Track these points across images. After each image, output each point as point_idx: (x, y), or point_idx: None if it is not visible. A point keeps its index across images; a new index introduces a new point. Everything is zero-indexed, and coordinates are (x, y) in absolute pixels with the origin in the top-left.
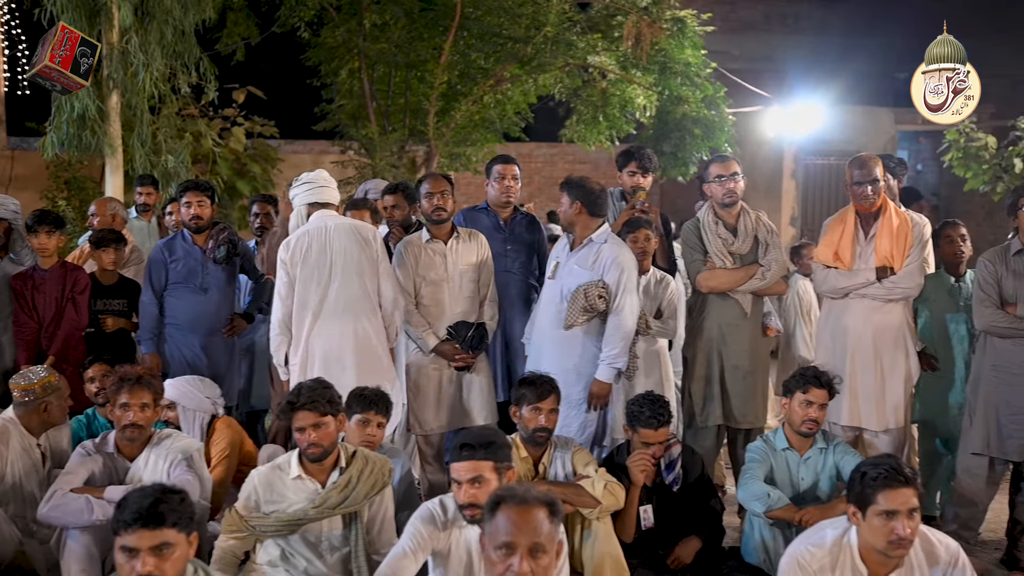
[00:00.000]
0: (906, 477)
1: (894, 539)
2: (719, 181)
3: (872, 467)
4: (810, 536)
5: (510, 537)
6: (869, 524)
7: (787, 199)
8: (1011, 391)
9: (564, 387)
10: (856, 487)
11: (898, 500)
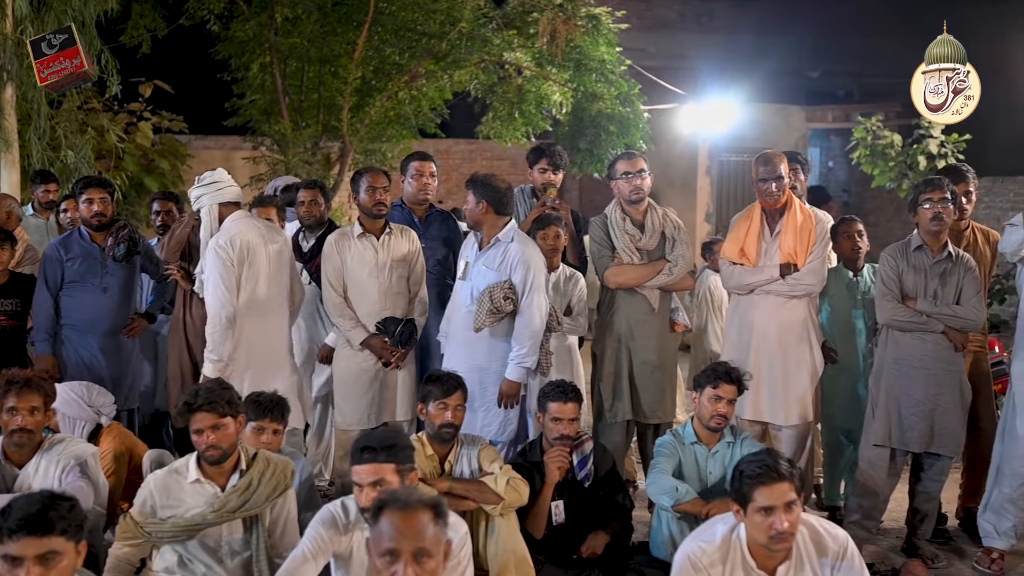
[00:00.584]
0: (781, 472)
1: (774, 534)
2: (626, 178)
3: (749, 464)
4: (702, 533)
5: (393, 543)
6: (750, 520)
7: (702, 195)
8: (911, 383)
9: (481, 387)
10: (736, 484)
11: (775, 495)
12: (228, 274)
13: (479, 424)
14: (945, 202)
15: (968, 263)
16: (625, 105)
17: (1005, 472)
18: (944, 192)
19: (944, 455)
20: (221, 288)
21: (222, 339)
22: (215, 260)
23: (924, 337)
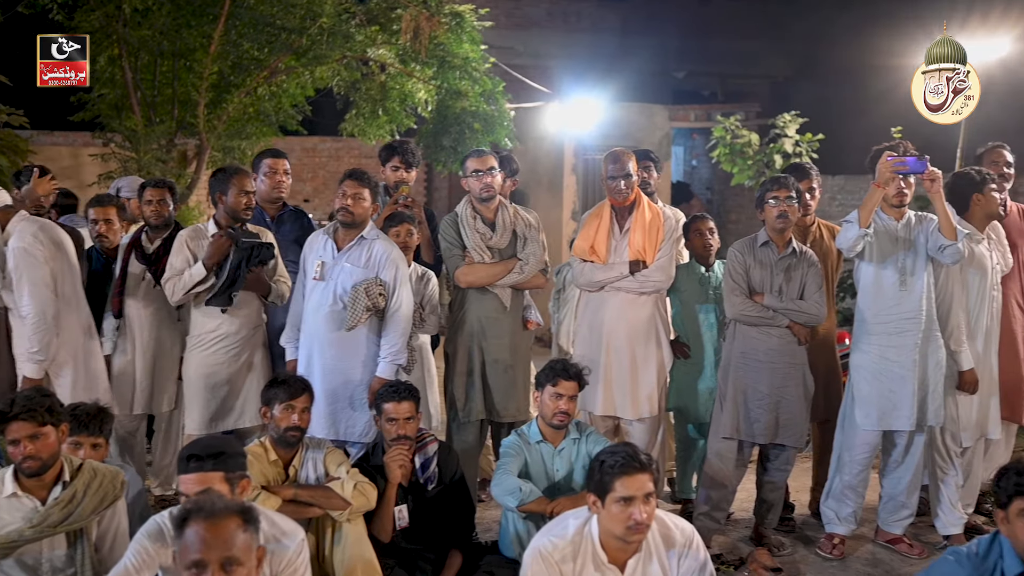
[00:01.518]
0: (642, 463)
1: (632, 524)
2: (476, 176)
3: (609, 455)
4: (552, 528)
5: (199, 554)
6: (608, 511)
7: (568, 193)
8: (757, 377)
9: (347, 389)
10: (595, 475)
11: (635, 486)
12: (43, 273)
13: (342, 426)
14: (790, 200)
15: (811, 259)
16: (490, 103)
17: (845, 460)
18: (788, 190)
19: (789, 446)
20: (39, 288)
21: (49, 339)
22: (26, 261)
23: (770, 331)
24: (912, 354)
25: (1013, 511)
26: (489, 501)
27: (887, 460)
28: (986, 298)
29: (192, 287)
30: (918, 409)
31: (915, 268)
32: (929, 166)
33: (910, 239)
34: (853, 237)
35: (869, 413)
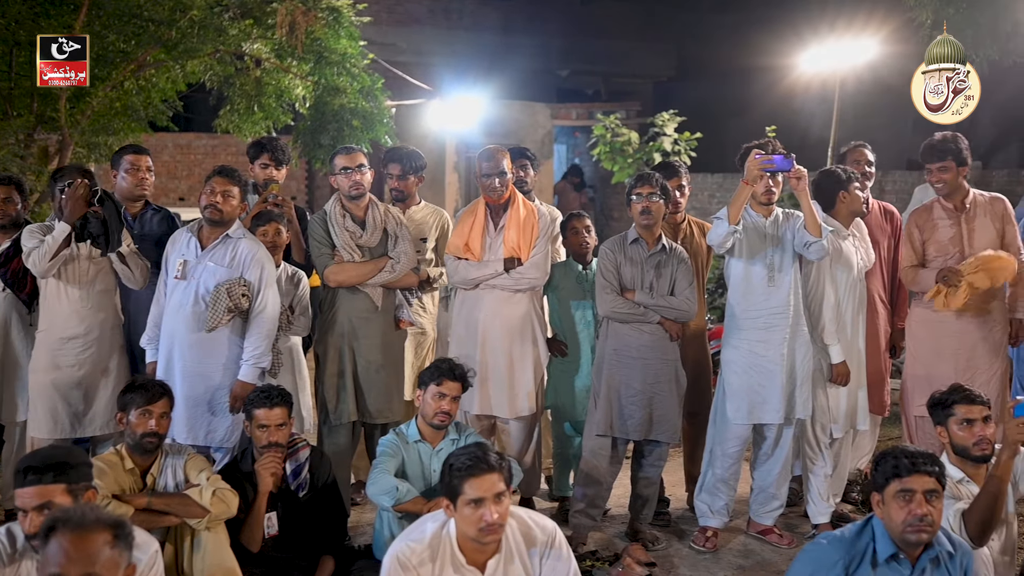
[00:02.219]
0: (490, 463)
1: (483, 525)
2: (345, 173)
3: (458, 457)
4: (411, 532)
5: (58, 568)
6: (460, 514)
7: (450, 191)
8: (630, 373)
9: (207, 393)
10: (445, 478)
11: (484, 487)
12: None
13: (202, 431)
14: (653, 196)
15: (681, 255)
16: (369, 100)
17: (717, 454)
18: (652, 187)
19: (662, 441)
20: None
21: None
22: None
23: (642, 328)
24: (781, 348)
25: (889, 493)
26: (365, 504)
27: (757, 453)
28: (854, 293)
29: (57, 250)
30: (787, 402)
31: (783, 264)
32: (795, 164)
33: (778, 236)
34: (723, 234)
35: (740, 407)
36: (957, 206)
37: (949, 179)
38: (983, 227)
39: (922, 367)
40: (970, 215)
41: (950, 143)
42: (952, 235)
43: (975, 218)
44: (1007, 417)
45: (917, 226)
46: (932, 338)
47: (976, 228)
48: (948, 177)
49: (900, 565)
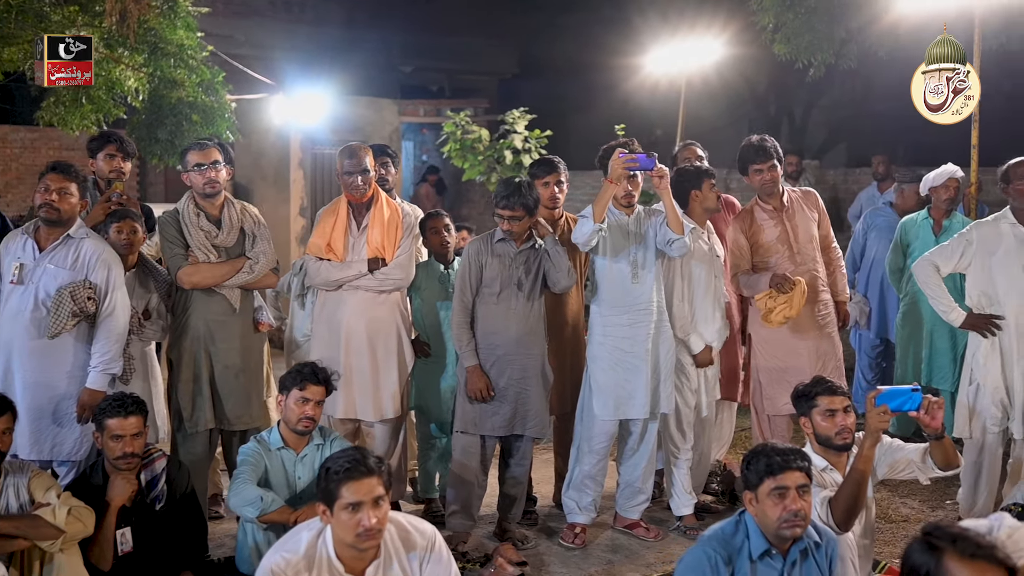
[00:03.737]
0: (369, 467)
1: (361, 531)
2: (198, 170)
3: (335, 461)
4: (285, 542)
5: None
6: (337, 519)
7: (296, 188)
8: (496, 370)
9: (51, 403)
10: (322, 484)
11: (362, 491)
12: None
13: (48, 445)
14: (515, 220)
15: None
16: (209, 94)
17: (584, 450)
18: (516, 212)
19: (528, 436)
20: None
21: None
22: None
23: (508, 325)
24: (645, 344)
25: (763, 491)
26: (228, 515)
27: (623, 448)
28: (710, 289)
29: None
30: (651, 397)
31: (646, 261)
32: (657, 163)
33: (640, 233)
34: (588, 232)
35: (606, 403)
36: (776, 206)
37: (776, 177)
38: (804, 222)
39: (776, 360)
40: (790, 213)
41: (771, 143)
42: (778, 234)
43: (795, 215)
44: (869, 406)
45: (742, 231)
46: (781, 335)
47: (798, 224)
48: (776, 175)
49: (773, 560)
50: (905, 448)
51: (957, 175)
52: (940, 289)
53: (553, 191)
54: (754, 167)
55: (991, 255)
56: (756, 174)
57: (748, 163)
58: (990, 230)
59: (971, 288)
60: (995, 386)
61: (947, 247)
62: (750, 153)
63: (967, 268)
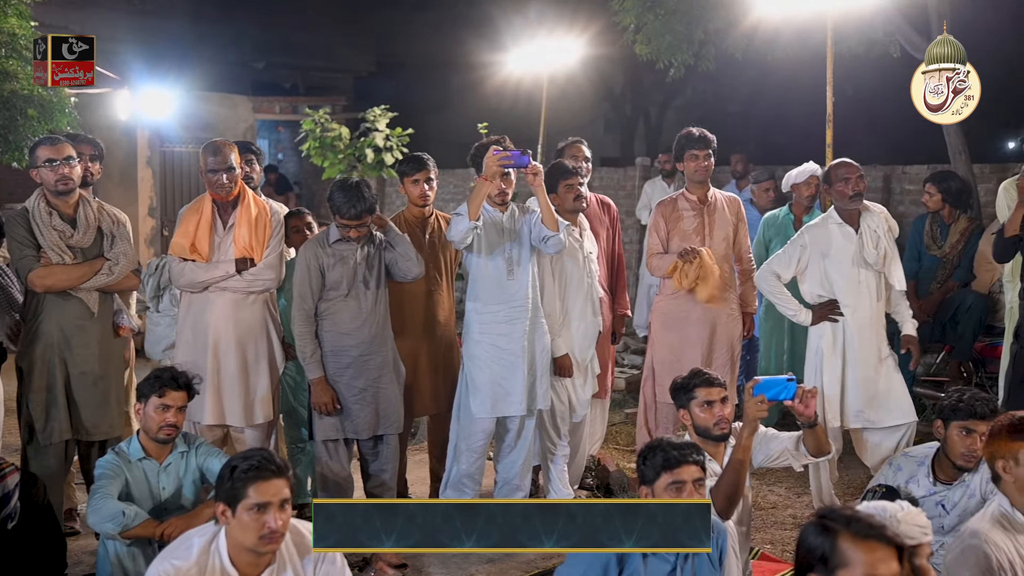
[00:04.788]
0: (278, 467)
1: (266, 533)
2: (50, 166)
3: (242, 460)
4: (175, 550)
5: None
6: (239, 521)
7: (144, 187)
8: (352, 373)
9: None
10: (226, 483)
11: (270, 491)
12: None
13: None
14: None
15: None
16: (46, 87)
17: (462, 449)
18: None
19: (389, 433)
20: None
21: None
22: None
23: (360, 326)
24: (521, 341)
25: (660, 486)
26: (85, 530)
27: (501, 445)
28: (581, 286)
29: None
30: (528, 394)
31: (521, 258)
32: (531, 160)
33: (515, 230)
34: (463, 230)
35: (484, 401)
36: (701, 199)
37: (709, 167)
38: (722, 220)
39: (670, 353)
40: (711, 208)
41: (711, 136)
42: (695, 225)
43: (715, 211)
44: (747, 396)
45: (663, 216)
46: (679, 327)
47: (716, 221)
48: (709, 165)
49: (667, 553)
50: (780, 437)
51: (818, 173)
52: (784, 295)
53: (423, 189)
54: (691, 152)
55: (825, 256)
56: (692, 159)
57: (687, 148)
58: (820, 232)
59: (810, 289)
60: (835, 379)
61: (783, 254)
62: (690, 140)
63: (804, 271)
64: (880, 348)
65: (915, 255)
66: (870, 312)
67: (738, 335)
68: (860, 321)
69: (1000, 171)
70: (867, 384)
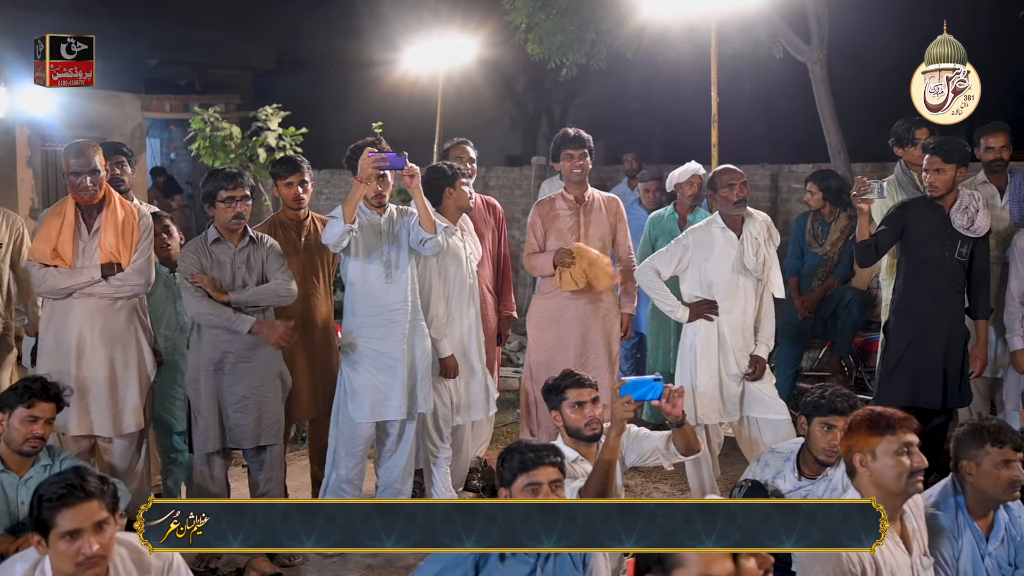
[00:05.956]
0: (88, 491)
1: (82, 560)
2: None
3: (49, 486)
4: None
5: None
6: (55, 549)
7: (24, 188)
8: (232, 380)
9: None
10: (35, 512)
11: (80, 517)
12: None
13: None
14: (246, 199)
15: (267, 242)
16: None
17: (341, 454)
18: (244, 190)
19: (271, 444)
20: None
21: None
22: None
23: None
24: (401, 344)
25: (517, 488)
26: None
27: (381, 450)
28: (464, 287)
29: None
30: (408, 397)
31: (399, 261)
32: (408, 162)
33: (393, 233)
34: (339, 232)
35: (362, 405)
36: (578, 198)
37: (585, 167)
38: (598, 220)
39: (545, 354)
40: (587, 208)
41: (587, 136)
42: (571, 224)
43: (592, 211)
44: (614, 397)
45: (540, 216)
46: (553, 327)
47: (592, 220)
48: (585, 165)
49: (526, 553)
50: (651, 436)
51: (700, 172)
52: (664, 292)
53: (297, 191)
54: (567, 152)
55: (706, 259)
56: (567, 159)
57: (562, 148)
58: (703, 235)
59: (688, 290)
60: (710, 376)
61: (666, 252)
62: (566, 140)
63: (684, 271)
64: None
65: (798, 252)
66: (744, 316)
67: (615, 334)
68: (734, 324)
69: (880, 170)
70: (739, 380)
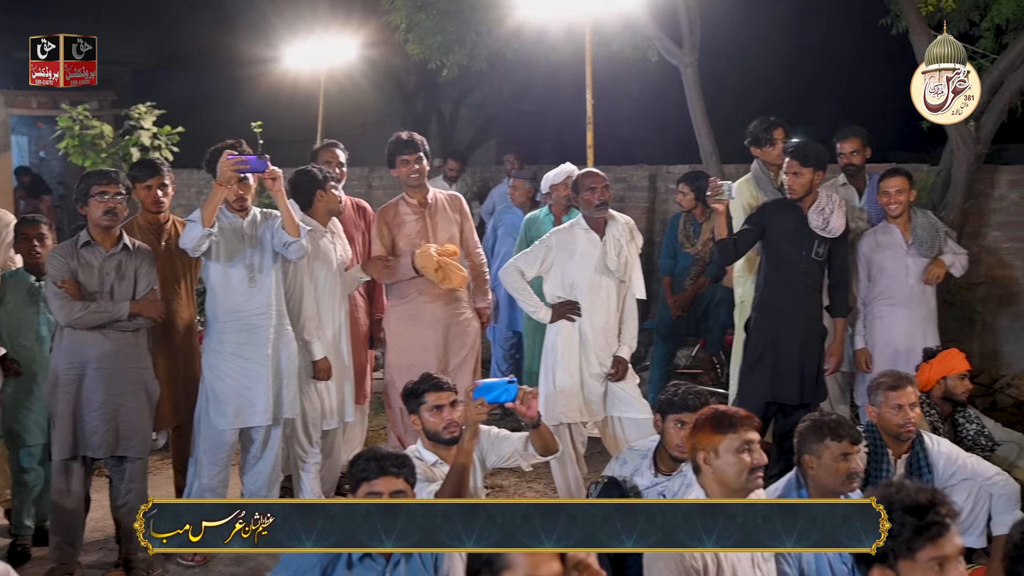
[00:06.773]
0: None
1: None
2: None
3: None
4: None
5: None
6: None
7: None
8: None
9: None
10: None
11: None
12: None
13: None
14: (120, 197)
15: (144, 251)
16: None
17: (204, 462)
18: (118, 186)
19: (132, 457)
20: None
21: None
22: None
23: (105, 336)
24: (265, 349)
25: (360, 496)
26: None
27: (246, 456)
28: (334, 290)
29: None
30: (274, 403)
31: (263, 265)
32: (270, 165)
33: (256, 236)
34: (197, 236)
35: (225, 412)
36: (420, 202)
37: (422, 171)
38: (445, 221)
39: (404, 357)
40: (432, 210)
41: (420, 139)
42: (418, 228)
43: (437, 213)
44: (467, 399)
45: (386, 222)
46: (411, 329)
47: (439, 222)
48: (422, 168)
49: (374, 562)
50: (511, 437)
51: (575, 173)
52: (527, 292)
53: (156, 194)
54: (401, 158)
55: (569, 259)
56: (403, 165)
57: (396, 154)
58: (567, 236)
59: (551, 290)
60: (570, 376)
61: (530, 253)
62: (399, 146)
63: (548, 271)
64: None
65: (671, 252)
66: (606, 317)
67: (475, 334)
68: (596, 325)
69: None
70: (602, 380)
